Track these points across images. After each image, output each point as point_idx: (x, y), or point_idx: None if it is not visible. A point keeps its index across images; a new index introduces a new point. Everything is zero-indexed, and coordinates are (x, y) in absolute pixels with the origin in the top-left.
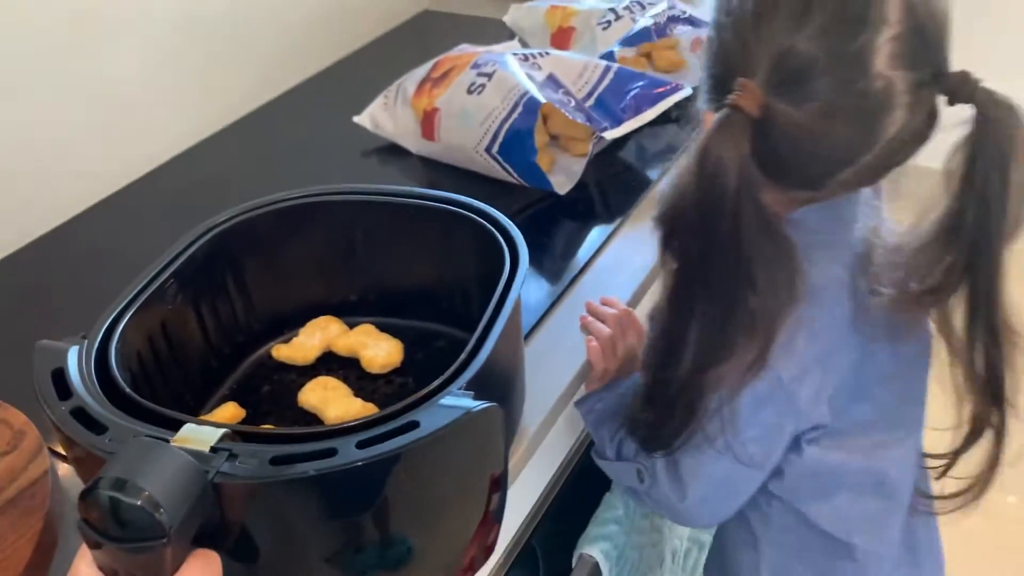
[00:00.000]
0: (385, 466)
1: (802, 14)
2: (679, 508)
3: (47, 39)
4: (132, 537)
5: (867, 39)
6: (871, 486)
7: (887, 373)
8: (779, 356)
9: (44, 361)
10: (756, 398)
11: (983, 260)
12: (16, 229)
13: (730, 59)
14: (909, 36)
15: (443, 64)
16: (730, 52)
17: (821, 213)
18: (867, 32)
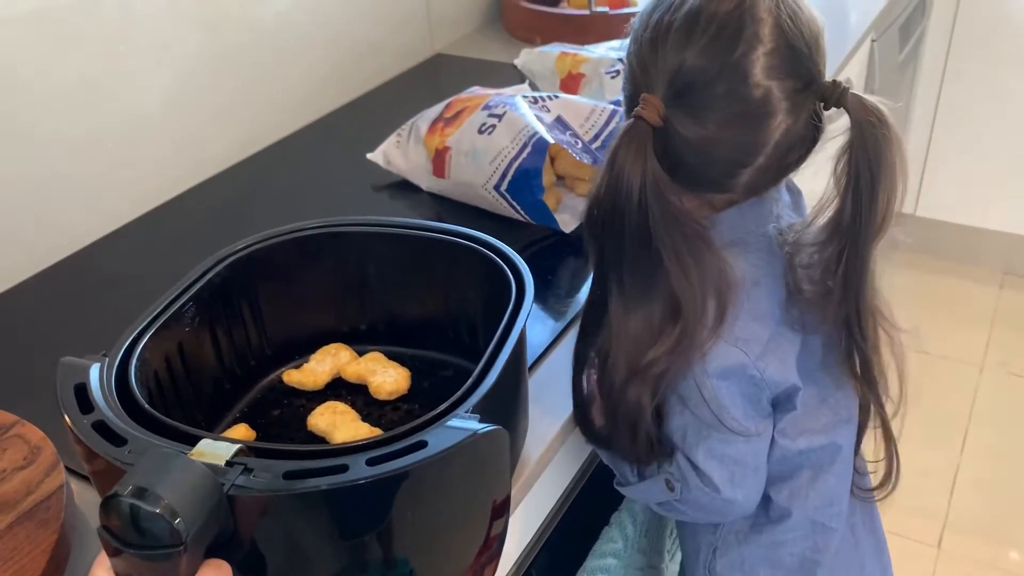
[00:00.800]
0: (393, 484)
1: (688, 36)
2: (718, 501)
3: (71, 68)
4: (150, 544)
5: (743, 53)
6: (828, 462)
7: (821, 360)
8: (740, 340)
9: (67, 376)
10: (728, 376)
11: (854, 253)
12: (37, 253)
13: (636, 80)
14: (782, 51)
15: (455, 105)
16: (636, 74)
17: (742, 213)
18: (742, 47)
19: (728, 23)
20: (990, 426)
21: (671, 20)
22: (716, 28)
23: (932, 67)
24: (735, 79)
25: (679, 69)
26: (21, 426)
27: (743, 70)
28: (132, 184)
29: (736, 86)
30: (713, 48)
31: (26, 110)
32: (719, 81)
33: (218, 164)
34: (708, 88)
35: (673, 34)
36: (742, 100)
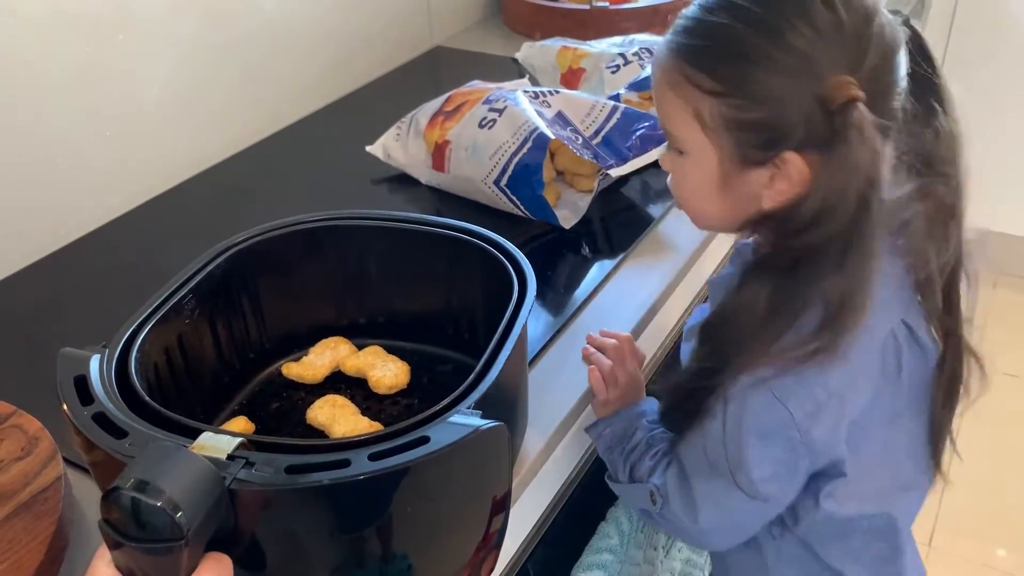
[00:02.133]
0: (395, 479)
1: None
2: (691, 531)
3: (70, 59)
4: (151, 538)
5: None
6: (883, 530)
7: (894, 410)
8: (792, 392)
9: (67, 368)
10: (765, 436)
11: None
12: (34, 242)
13: (799, 78)
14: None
15: (456, 98)
16: (797, 71)
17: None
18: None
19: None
20: (982, 425)
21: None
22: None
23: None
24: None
25: (845, 45)
26: (19, 416)
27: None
28: (131, 174)
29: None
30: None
31: (25, 100)
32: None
33: (216, 155)
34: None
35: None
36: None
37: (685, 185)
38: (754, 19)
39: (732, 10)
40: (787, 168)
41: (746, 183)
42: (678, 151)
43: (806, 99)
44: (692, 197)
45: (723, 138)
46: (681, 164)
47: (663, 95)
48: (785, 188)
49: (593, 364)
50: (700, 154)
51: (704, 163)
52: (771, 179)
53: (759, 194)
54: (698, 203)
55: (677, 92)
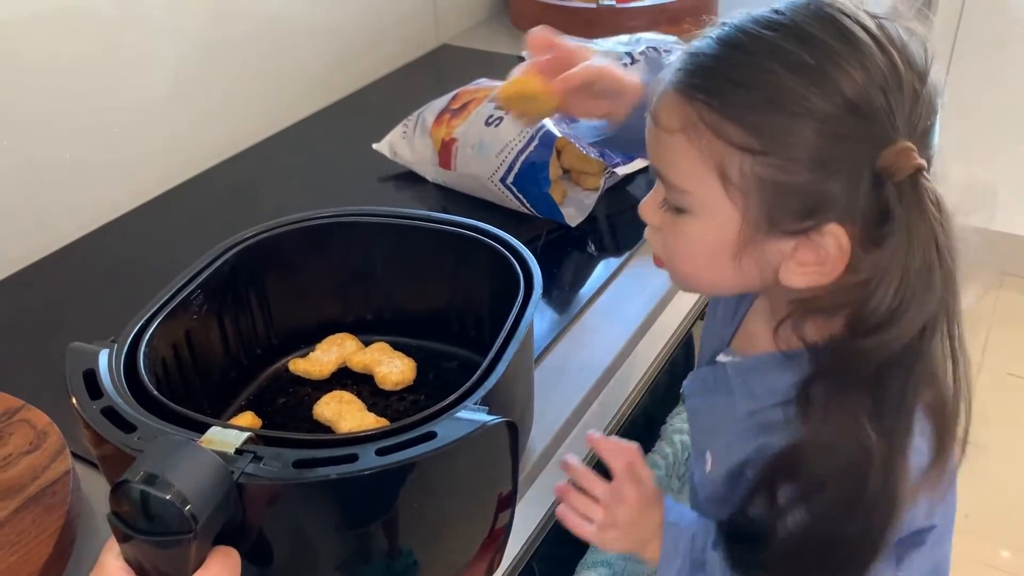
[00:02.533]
0: (402, 474)
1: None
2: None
3: (79, 56)
4: (160, 531)
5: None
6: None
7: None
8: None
9: (76, 362)
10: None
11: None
12: (41, 238)
13: (854, 140)
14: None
15: (462, 96)
16: (851, 131)
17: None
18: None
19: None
20: (987, 426)
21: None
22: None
23: (937, 68)
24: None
25: (923, 100)
26: (27, 411)
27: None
28: (137, 171)
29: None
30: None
31: (30, 96)
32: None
33: (222, 152)
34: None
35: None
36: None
37: (683, 248)
38: (797, 63)
39: (768, 50)
40: (824, 241)
41: (766, 251)
42: (677, 208)
43: (860, 164)
44: (689, 262)
45: (751, 200)
46: (681, 224)
47: (673, 142)
48: (813, 259)
49: (575, 507)
50: (715, 215)
51: (719, 227)
52: (795, 249)
53: (775, 264)
54: (696, 269)
55: (695, 142)
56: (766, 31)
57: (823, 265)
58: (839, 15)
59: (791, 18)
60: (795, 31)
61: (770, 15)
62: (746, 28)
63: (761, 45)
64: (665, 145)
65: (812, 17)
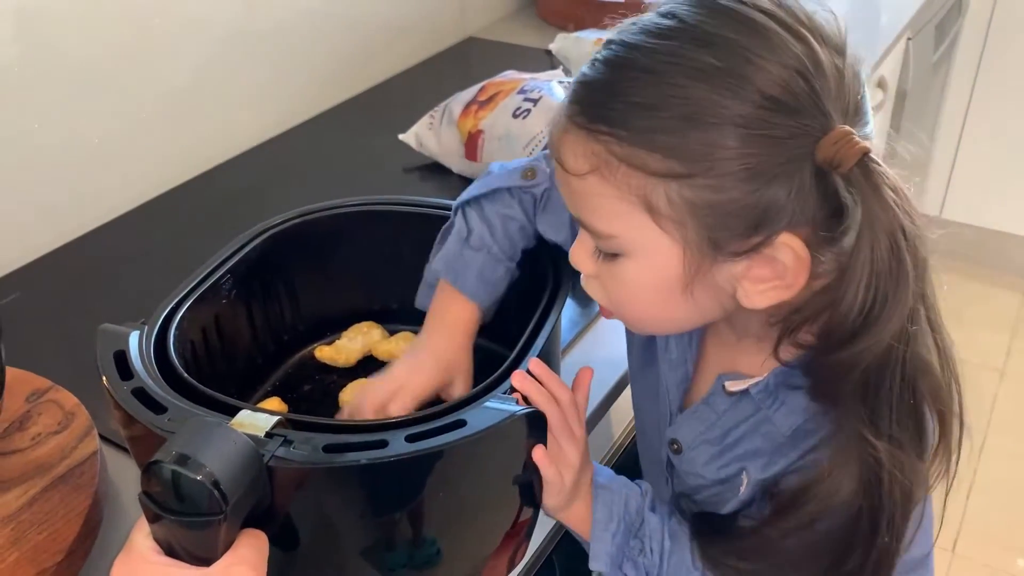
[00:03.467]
0: (430, 461)
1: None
2: None
3: (108, 42)
4: (190, 511)
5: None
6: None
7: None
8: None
9: (107, 343)
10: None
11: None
12: (71, 222)
13: (788, 138)
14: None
15: (489, 88)
16: (780, 129)
17: None
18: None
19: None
20: (1009, 432)
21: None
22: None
23: (965, 68)
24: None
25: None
26: (56, 391)
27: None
28: (166, 157)
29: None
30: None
31: (59, 82)
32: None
33: (250, 140)
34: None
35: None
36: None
37: (627, 293)
38: (704, 70)
39: (669, 63)
40: (777, 253)
41: (716, 278)
42: (611, 254)
43: (798, 162)
44: (639, 306)
45: (688, 229)
46: (618, 269)
47: (584, 187)
48: (769, 274)
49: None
50: (651, 253)
51: (658, 263)
52: (748, 268)
53: (731, 290)
54: (648, 312)
55: (609, 180)
56: (660, 41)
57: (783, 279)
58: (736, 5)
59: (684, 20)
60: (692, 34)
61: (660, 21)
62: (637, 43)
63: (658, 58)
64: (578, 191)
65: (707, 14)
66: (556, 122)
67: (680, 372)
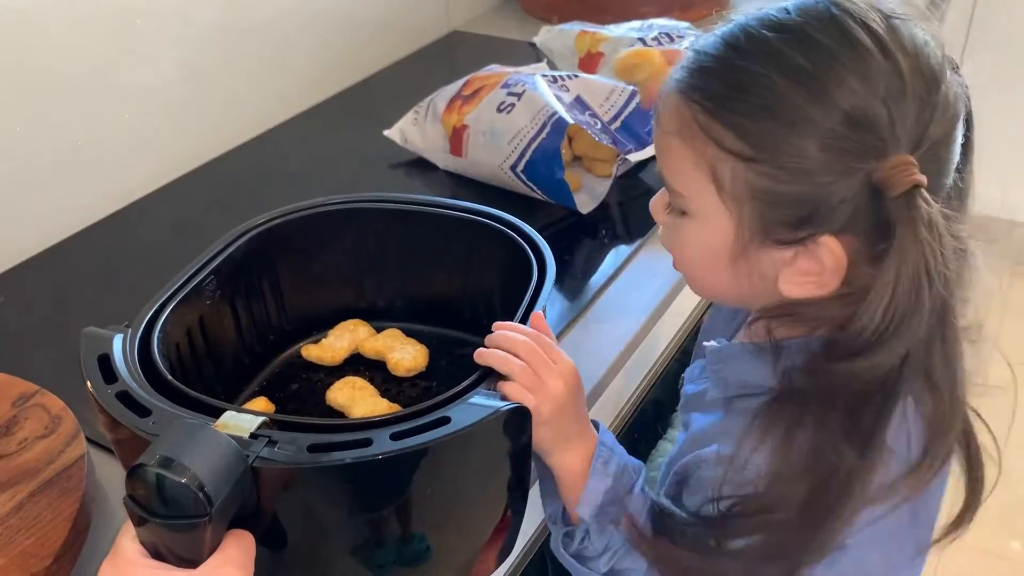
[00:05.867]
0: (416, 459)
1: (901, 75)
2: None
3: (90, 42)
4: (175, 514)
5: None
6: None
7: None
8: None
9: (91, 346)
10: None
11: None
12: (55, 225)
13: (849, 153)
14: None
15: (474, 83)
16: (847, 144)
17: None
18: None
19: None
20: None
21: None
22: (924, 66)
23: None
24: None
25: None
26: (42, 395)
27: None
28: (148, 158)
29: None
30: (926, 85)
31: (42, 82)
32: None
33: (234, 139)
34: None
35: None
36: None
37: (684, 250)
38: (795, 70)
39: (768, 54)
40: (819, 252)
41: (762, 259)
42: (680, 211)
43: (856, 178)
44: (691, 264)
45: (745, 208)
46: (683, 226)
47: (669, 144)
48: (812, 269)
49: (502, 371)
50: (710, 220)
51: (714, 231)
52: (794, 256)
53: (773, 275)
54: (701, 271)
55: (689, 144)
56: (768, 32)
57: (820, 276)
58: (845, 17)
59: (796, 18)
60: (798, 34)
61: (776, 14)
62: (749, 28)
63: (761, 47)
64: (664, 147)
65: (818, 19)
66: (668, 78)
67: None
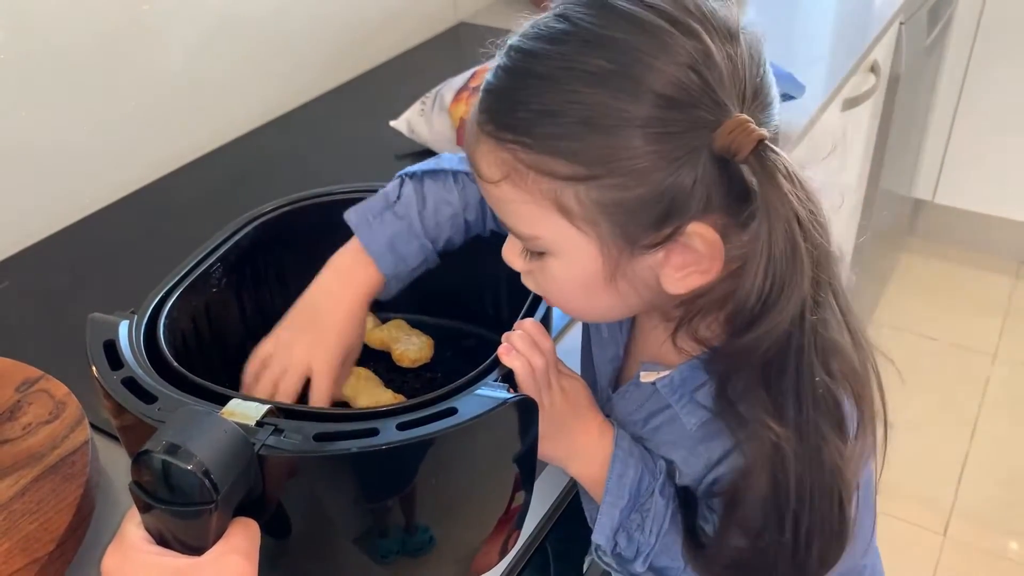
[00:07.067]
0: (422, 449)
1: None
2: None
3: (95, 33)
4: (181, 501)
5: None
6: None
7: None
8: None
9: (96, 332)
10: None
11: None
12: (62, 209)
13: (683, 135)
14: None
15: (481, 74)
16: (677, 126)
17: None
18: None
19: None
20: (1001, 416)
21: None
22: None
23: (958, 52)
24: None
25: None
26: (46, 381)
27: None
28: (156, 143)
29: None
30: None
31: (47, 70)
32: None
33: (240, 128)
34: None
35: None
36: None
37: (557, 287)
38: (596, 74)
39: (562, 67)
40: (691, 242)
41: (637, 269)
42: (538, 252)
43: (698, 156)
44: (570, 298)
45: (602, 227)
46: (546, 266)
47: (501, 194)
48: (689, 261)
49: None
50: (572, 251)
51: (579, 261)
52: (665, 257)
53: (653, 280)
54: (582, 303)
55: (522, 187)
56: (553, 46)
57: (699, 264)
58: (622, 3)
59: (574, 22)
60: (582, 36)
61: (552, 24)
62: (533, 49)
63: (553, 63)
64: (495, 196)
65: (595, 15)
66: (469, 130)
67: (611, 351)
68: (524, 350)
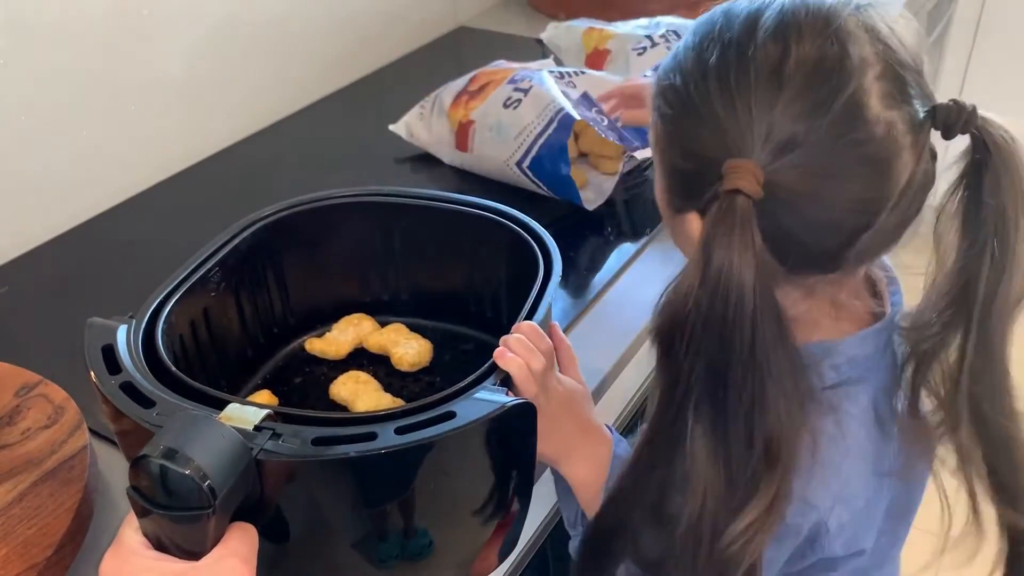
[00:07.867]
0: (420, 453)
1: (778, 83)
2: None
3: (93, 34)
4: (179, 506)
5: (853, 87)
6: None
7: (890, 499)
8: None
9: (95, 337)
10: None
11: (983, 340)
12: (59, 215)
13: (706, 146)
14: (893, 71)
15: (480, 78)
16: (704, 140)
17: (864, 340)
18: (849, 80)
19: (824, 54)
20: None
21: (743, 64)
22: (812, 64)
23: (957, 55)
24: (849, 119)
25: (775, 124)
26: (45, 385)
27: (857, 106)
28: (155, 149)
29: (851, 127)
30: (814, 89)
31: (47, 73)
32: (829, 126)
33: (241, 131)
34: (817, 139)
35: (758, 85)
36: (862, 144)
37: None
38: (701, 68)
39: (694, 51)
40: (687, 226)
41: (682, 223)
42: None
43: (711, 165)
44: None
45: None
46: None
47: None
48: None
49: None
50: (658, 165)
51: (660, 174)
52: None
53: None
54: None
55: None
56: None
57: (688, 251)
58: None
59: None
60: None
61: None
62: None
63: (690, 51)
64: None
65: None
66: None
67: None
68: (521, 352)
